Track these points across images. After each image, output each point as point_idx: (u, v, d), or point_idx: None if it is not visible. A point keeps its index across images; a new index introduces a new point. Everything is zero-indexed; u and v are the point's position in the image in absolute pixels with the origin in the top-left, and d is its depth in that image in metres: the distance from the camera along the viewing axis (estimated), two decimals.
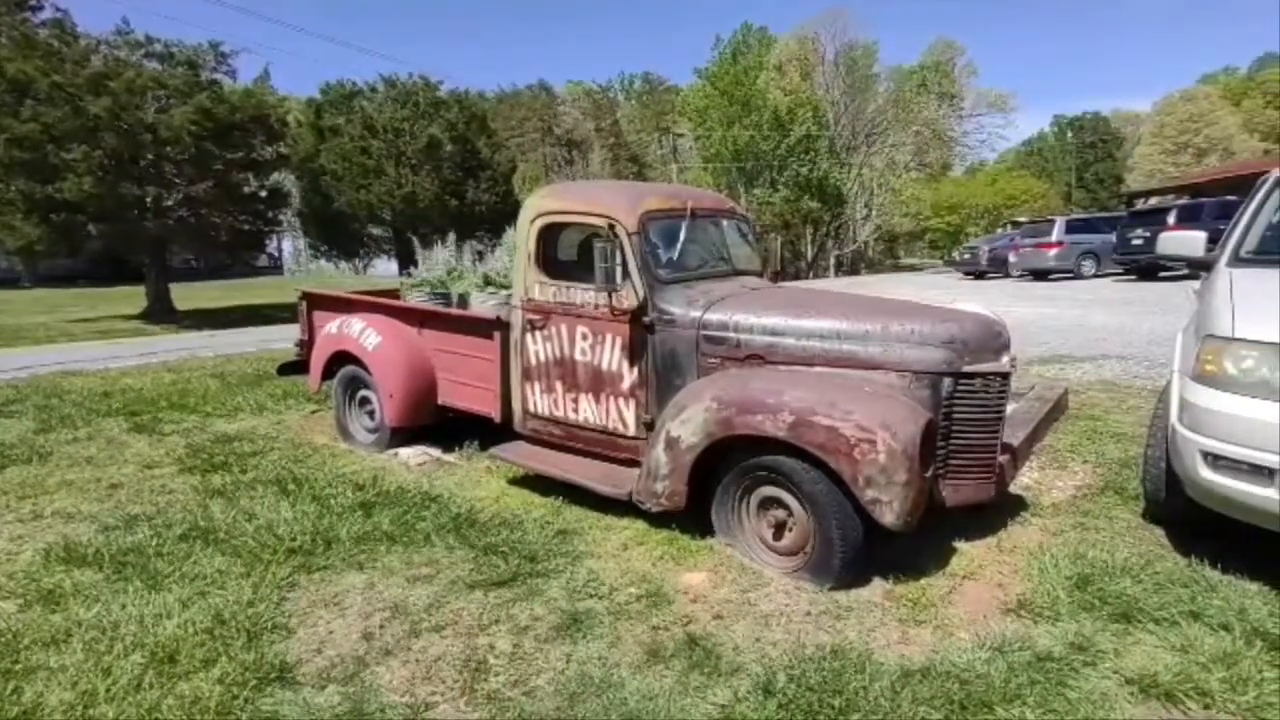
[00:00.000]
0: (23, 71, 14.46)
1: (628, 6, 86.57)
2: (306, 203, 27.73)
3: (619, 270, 3.56)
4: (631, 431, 3.71)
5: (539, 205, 4.02)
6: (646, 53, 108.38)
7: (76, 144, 14.45)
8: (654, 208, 3.76)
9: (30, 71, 14.48)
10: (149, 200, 15.97)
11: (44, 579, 3.13)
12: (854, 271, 37.03)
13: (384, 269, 32.14)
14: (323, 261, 35.91)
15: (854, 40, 36.33)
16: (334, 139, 25.08)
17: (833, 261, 38.04)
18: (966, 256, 23.92)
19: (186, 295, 19.89)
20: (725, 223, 4.31)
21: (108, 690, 2.34)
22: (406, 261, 22.33)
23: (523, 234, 4.01)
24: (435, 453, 4.74)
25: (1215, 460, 2.73)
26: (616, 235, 3.59)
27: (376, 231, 28.52)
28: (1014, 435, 4.11)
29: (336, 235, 29.29)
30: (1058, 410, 5.19)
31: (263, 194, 18.79)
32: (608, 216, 3.64)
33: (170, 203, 16.58)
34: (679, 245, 3.79)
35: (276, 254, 44.53)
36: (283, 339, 6.30)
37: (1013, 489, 3.84)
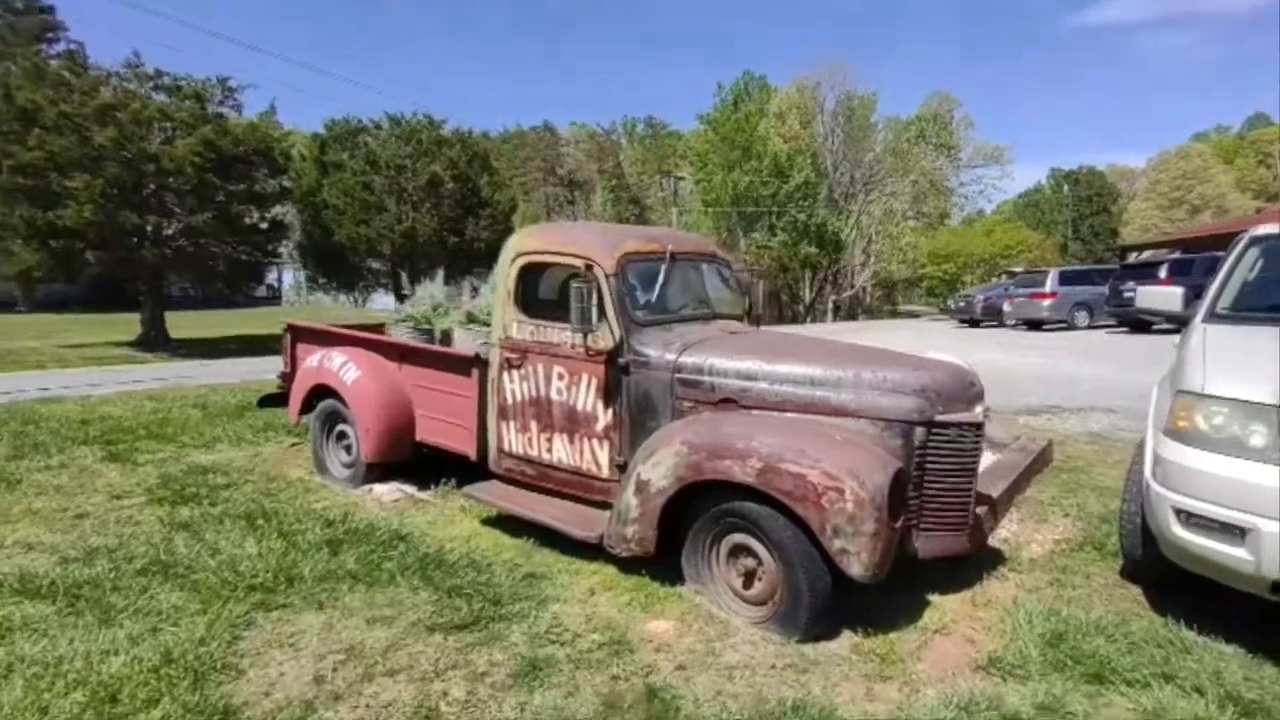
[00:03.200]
0: (31, 100, 14.69)
1: (634, 53, 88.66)
2: (307, 235, 27.97)
3: (595, 311, 3.55)
4: (604, 473, 3.67)
5: (520, 245, 4.04)
6: (650, 98, 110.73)
7: (79, 172, 14.60)
8: (633, 250, 3.78)
9: (39, 100, 14.71)
10: (149, 229, 16.08)
11: None
12: (852, 316, 37.21)
13: (382, 303, 32.28)
14: (321, 294, 36.09)
15: (853, 91, 37.10)
16: (337, 174, 25.40)
17: (830, 306, 38.25)
18: (961, 305, 24.07)
19: (182, 324, 19.89)
20: (705, 266, 4.33)
21: None
22: (404, 295, 22.45)
23: (503, 273, 4.02)
24: (410, 490, 4.68)
25: (1188, 518, 2.69)
26: (594, 276, 3.60)
27: (375, 265, 28.67)
28: (994, 486, 4.09)
29: (336, 268, 29.47)
30: (1041, 462, 5.17)
31: (263, 226, 18.92)
32: (586, 257, 3.66)
33: (170, 232, 16.68)
34: (657, 288, 3.80)
35: (276, 285, 44.78)
36: (271, 370, 6.27)
37: (991, 541, 3.78)
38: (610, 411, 3.62)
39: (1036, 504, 4.46)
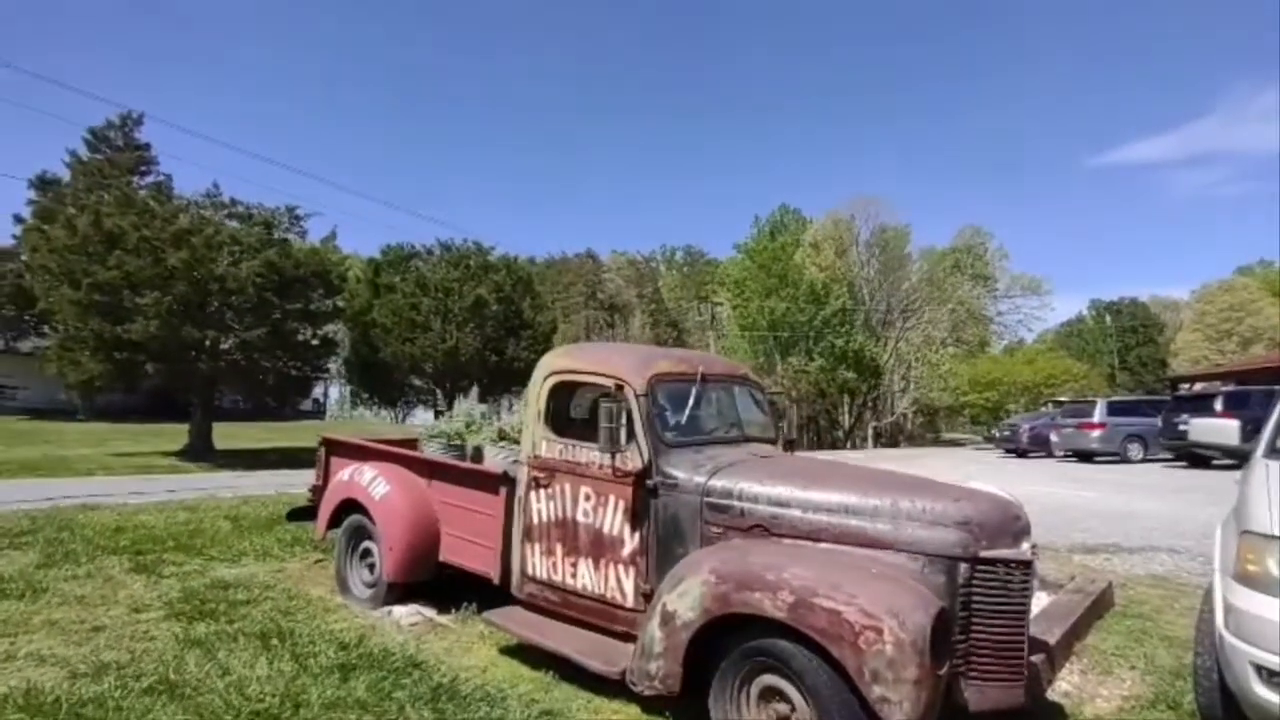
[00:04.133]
0: (118, 225, 15.91)
1: (674, 187, 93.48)
2: (355, 352, 28.91)
3: (624, 431, 3.52)
4: (630, 602, 3.50)
5: (552, 364, 4.09)
6: (688, 229, 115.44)
7: (150, 290, 15.53)
8: (663, 371, 3.78)
9: (124, 226, 15.93)
10: (206, 343, 16.84)
11: None
12: (893, 443, 36.43)
13: (423, 418, 32.73)
14: (364, 409, 36.83)
15: (886, 223, 38.14)
16: (388, 295, 26.54)
17: (870, 433, 37.60)
18: (1006, 434, 23.45)
19: (228, 435, 20.36)
20: (737, 389, 4.30)
21: None
22: (441, 412, 22.77)
23: (534, 391, 4.04)
24: (429, 613, 4.52)
25: (1270, 676, 2.42)
26: (624, 396, 3.59)
27: (418, 382, 29.30)
28: (1050, 632, 3.80)
29: (379, 384, 30.19)
30: (1101, 605, 4.81)
31: (314, 342, 19.68)
32: (616, 377, 3.67)
33: (225, 345, 17.44)
34: (687, 409, 3.77)
35: (322, 400, 45.91)
36: (305, 483, 6.31)
37: (1050, 695, 3.45)
38: (637, 536, 3.50)
39: (1099, 653, 4.09)
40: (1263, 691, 2.44)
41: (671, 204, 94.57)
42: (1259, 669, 2.45)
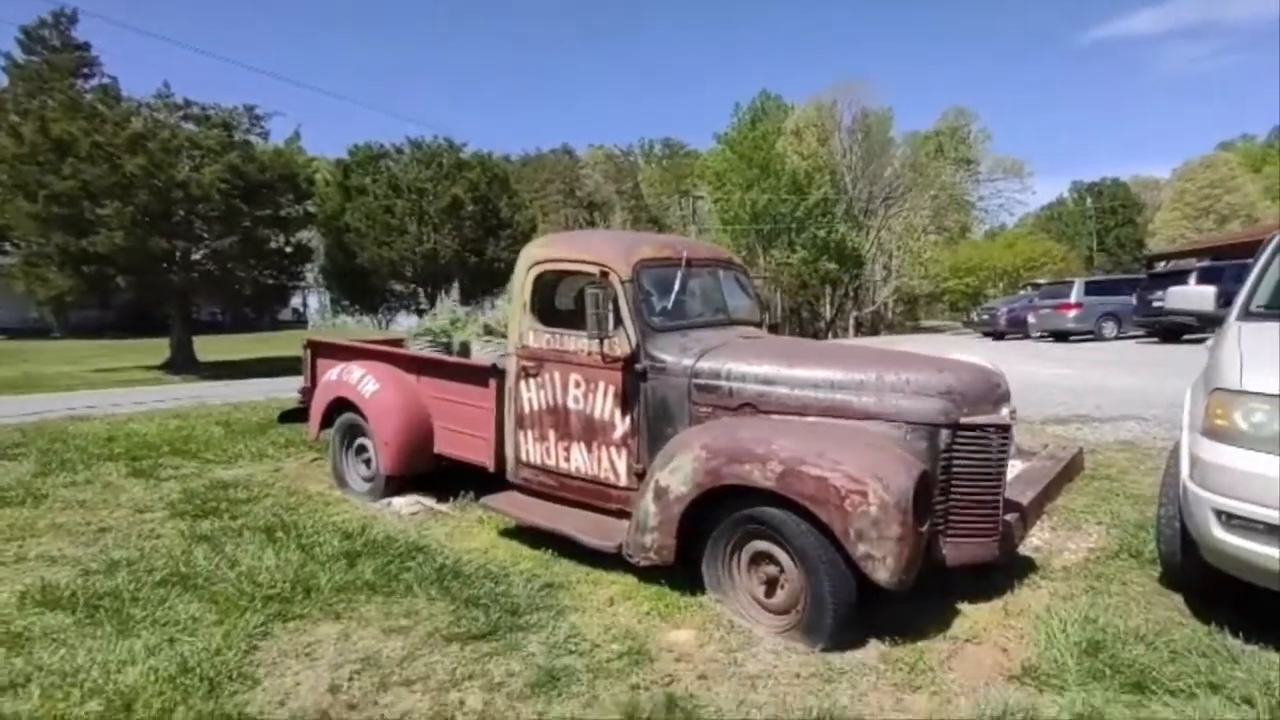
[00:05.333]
0: (67, 132, 15.11)
1: (651, 75, 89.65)
2: (330, 259, 28.39)
3: (611, 318, 3.53)
4: (623, 482, 3.62)
5: (535, 254, 4.04)
6: (667, 119, 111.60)
7: (111, 200, 14.95)
8: (648, 256, 3.76)
9: (74, 132, 15.13)
10: (177, 254, 16.42)
11: (15, 621, 3.06)
12: (874, 332, 36.87)
13: (405, 324, 32.53)
14: (346, 317, 36.51)
15: (869, 108, 37.06)
16: (360, 198, 25.83)
17: (852, 322, 37.96)
18: (985, 318, 23.77)
19: (210, 347, 20.19)
20: (722, 273, 4.29)
21: None
22: (424, 313, 22.64)
23: (519, 282, 4.01)
24: (429, 502, 4.65)
25: (1229, 519, 2.58)
26: (610, 283, 3.58)
27: (398, 287, 29.01)
28: (1024, 494, 3.97)
29: (359, 291, 29.85)
30: (1072, 470, 5.03)
31: (288, 250, 19.23)
32: (601, 264, 3.64)
33: (197, 256, 17.02)
34: (673, 294, 3.77)
35: (302, 309, 45.40)
36: (294, 390, 6.33)
37: (1022, 550, 3.67)
38: (628, 419, 3.58)
39: (1068, 512, 4.32)
40: (1221, 534, 2.60)
41: (648, 94, 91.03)
42: (1219, 514, 2.60)
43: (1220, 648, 2.69)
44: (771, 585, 2.99)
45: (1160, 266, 23.39)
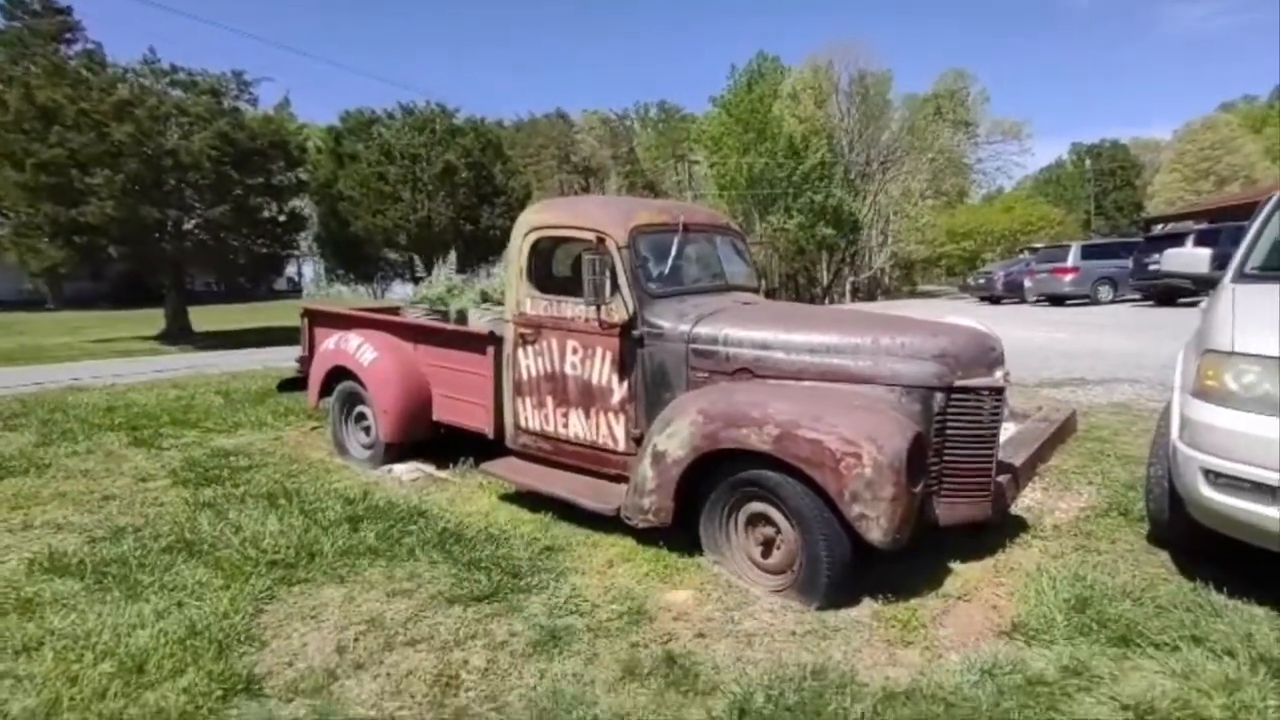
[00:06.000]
0: (52, 99, 14.84)
1: (646, 37, 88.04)
2: (325, 228, 28.11)
3: (608, 284, 3.53)
4: (621, 446, 3.66)
5: (531, 220, 4.02)
6: (663, 82, 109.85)
7: (100, 169, 14.76)
8: (644, 222, 3.75)
9: (59, 99, 14.86)
10: (169, 223, 16.25)
11: (25, 588, 3.11)
12: (870, 298, 36.83)
13: (401, 292, 32.36)
14: (341, 286, 36.32)
15: (867, 69, 36.52)
16: (352, 165, 25.48)
17: (849, 288, 37.88)
18: (982, 282, 23.78)
19: (205, 317, 20.14)
20: (719, 238, 4.29)
21: (72, 699, 2.31)
22: (421, 280, 22.52)
23: (515, 249, 4.01)
24: (429, 469, 4.70)
25: (1216, 478, 2.63)
26: (606, 249, 3.58)
27: (393, 255, 28.79)
28: (1016, 455, 4.04)
29: (354, 259, 29.63)
30: (1065, 431, 5.09)
31: (281, 218, 19.04)
32: (597, 230, 3.63)
33: (189, 225, 16.85)
34: (670, 260, 3.77)
35: (297, 278, 45.16)
36: (291, 359, 6.34)
37: (1014, 510, 3.74)
38: (625, 384, 3.60)
39: (1060, 473, 4.39)
40: (1208, 492, 2.65)
41: (643, 57, 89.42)
42: (1207, 472, 2.65)
43: (1204, 602, 2.76)
44: (768, 546, 3.05)
45: (1157, 230, 23.29)
